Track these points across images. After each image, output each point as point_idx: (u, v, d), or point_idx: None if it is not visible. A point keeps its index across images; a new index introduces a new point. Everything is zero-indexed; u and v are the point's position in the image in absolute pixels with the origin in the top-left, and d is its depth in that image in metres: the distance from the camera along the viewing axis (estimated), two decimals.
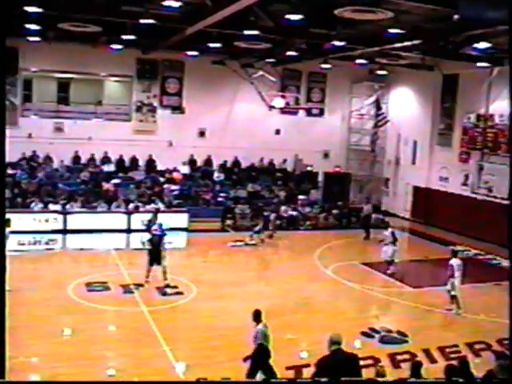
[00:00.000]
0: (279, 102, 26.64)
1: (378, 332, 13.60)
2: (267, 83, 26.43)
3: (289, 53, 24.39)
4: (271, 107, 26.69)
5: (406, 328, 13.84)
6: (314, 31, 19.43)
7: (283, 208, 26.50)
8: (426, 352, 12.30)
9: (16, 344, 12.01)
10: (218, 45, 23.05)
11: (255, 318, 10.32)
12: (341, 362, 7.84)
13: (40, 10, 17.81)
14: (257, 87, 26.27)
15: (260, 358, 9.83)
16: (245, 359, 9.94)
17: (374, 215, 26.02)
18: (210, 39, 22.13)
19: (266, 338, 10.12)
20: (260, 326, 10.20)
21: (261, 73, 26.38)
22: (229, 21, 17.19)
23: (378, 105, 30.51)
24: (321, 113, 31.40)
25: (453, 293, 14.88)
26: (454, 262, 14.99)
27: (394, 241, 18.77)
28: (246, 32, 19.30)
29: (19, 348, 11.82)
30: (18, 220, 21.74)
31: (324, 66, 26.44)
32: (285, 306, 15.23)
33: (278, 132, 30.41)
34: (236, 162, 29.73)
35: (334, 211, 27.38)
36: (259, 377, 9.56)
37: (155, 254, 16.54)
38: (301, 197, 28.01)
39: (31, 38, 24.33)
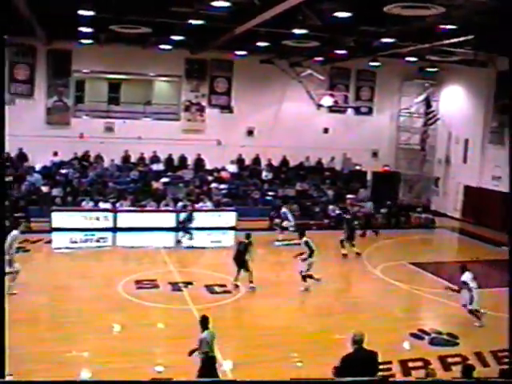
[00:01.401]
0: (328, 101, 26.48)
1: (427, 334, 13.38)
2: (315, 82, 26.30)
3: (337, 51, 24.21)
4: (319, 106, 26.56)
5: (456, 330, 13.58)
6: (362, 28, 19.23)
7: (331, 207, 26.34)
8: (478, 355, 12.04)
9: (68, 339, 12.34)
10: (266, 44, 23.07)
11: (201, 324, 9.93)
12: (362, 359, 8.20)
13: (93, 13, 18.20)
14: (305, 86, 26.17)
15: (204, 367, 9.51)
16: (190, 353, 9.92)
17: (423, 215, 25.58)
18: (259, 38, 22.16)
19: (210, 346, 9.70)
20: (205, 334, 9.77)
21: (309, 71, 26.27)
22: (277, 20, 17.17)
23: (428, 103, 30.04)
24: (369, 111, 31.08)
25: (469, 307, 14.09)
26: (466, 277, 14.18)
27: (311, 252, 16.75)
28: (294, 31, 19.25)
29: (72, 343, 12.12)
30: (69, 218, 22.29)
31: (373, 63, 26.16)
32: (332, 305, 15.16)
33: (326, 131, 30.24)
34: (284, 161, 29.69)
35: (383, 210, 27.06)
36: None
37: (239, 259, 16.55)
38: (349, 196, 27.77)
39: (84, 41, 24.89)
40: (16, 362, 10.80)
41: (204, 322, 9.88)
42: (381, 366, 10.46)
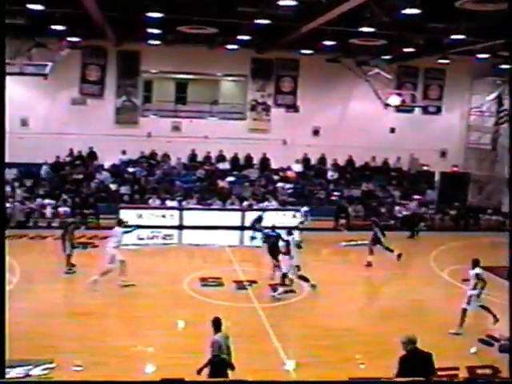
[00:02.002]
0: (395, 100, 26.02)
1: (496, 340, 12.94)
2: (383, 81, 25.89)
3: (405, 49, 23.80)
4: (387, 105, 26.14)
5: None
6: (432, 25, 18.84)
7: (397, 208, 25.92)
8: None
9: (134, 334, 12.60)
10: (332, 43, 22.90)
11: (214, 326, 9.55)
12: (420, 359, 8.16)
13: (161, 14, 18.53)
14: (372, 85, 25.81)
15: (214, 370, 9.16)
16: (198, 371, 9.21)
17: (494, 217, 24.78)
18: (325, 37, 22.03)
19: (222, 348, 9.32)
20: (217, 336, 9.45)
21: (376, 70, 25.89)
22: (344, 18, 17.04)
23: (500, 101, 29.10)
24: (438, 110, 30.40)
25: (464, 305, 13.36)
26: (477, 271, 13.41)
27: (288, 252, 15.87)
28: (362, 29, 19.03)
29: (137, 337, 12.36)
30: (136, 215, 22.73)
31: (442, 61, 25.57)
32: (397, 307, 14.89)
33: (392, 130, 29.78)
34: (350, 161, 29.40)
35: (451, 212, 26.42)
36: None
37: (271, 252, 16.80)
38: (416, 197, 27.26)
39: (152, 42, 25.37)
40: (87, 355, 11.15)
41: (216, 324, 9.57)
42: (447, 372, 10.25)
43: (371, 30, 18.91)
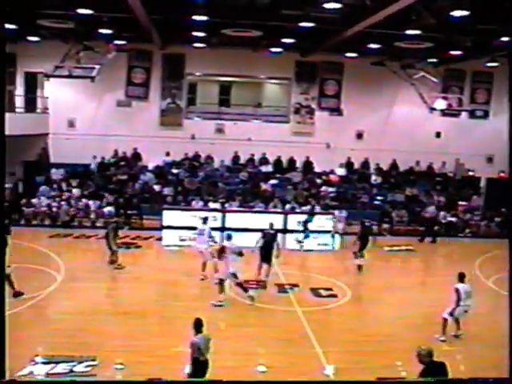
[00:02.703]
0: (441, 104, 25.58)
1: None
2: (428, 84, 25.51)
3: (452, 52, 23.42)
4: (432, 109, 25.73)
5: None
6: (481, 27, 18.45)
7: (442, 214, 25.50)
8: None
9: (175, 334, 12.67)
10: (377, 46, 22.71)
11: (195, 328, 9.50)
12: (439, 370, 8.16)
13: (206, 18, 18.67)
14: (417, 88, 25.44)
15: (194, 372, 9.14)
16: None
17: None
18: (370, 40, 21.85)
19: (202, 350, 9.26)
20: (196, 338, 9.34)
21: (422, 73, 25.51)
22: (389, 20, 16.86)
23: None
24: (485, 115, 29.81)
25: (446, 316, 13.00)
26: (461, 287, 13.09)
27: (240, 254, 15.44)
28: (408, 31, 18.80)
29: (178, 338, 12.39)
30: (179, 216, 22.88)
31: (490, 64, 25.06)
32: (439, 314, 14.59)
33: (438, 135, 29.32)
34: (394, 165, 29.07)
35: (497, 219, 25.86)
36: None
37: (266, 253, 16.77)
38: (461, 203, 26.78)
39: (196, 45, 25.58)
40: (128, 353, 11.27)
41: (197, 325, 9.52)
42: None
43: (417, 32, 18.68)
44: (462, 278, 13.19)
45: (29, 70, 27.18)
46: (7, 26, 21.82)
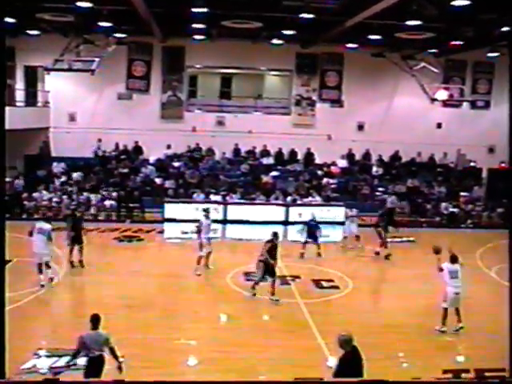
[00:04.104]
0: (442, 95, 25.55)
1: None
2: (429, 75, 25.46)
3: (453, 42, 23.34)
4: (433, 100, 25.68)
5: None
6: (482, 17, 18.38)
7: (443, 205, 25.49)
8: None
9: (177, 327, 12.69)
10: (378, 37, 22.64)
11: (91, 322, 9.23)
12: (359, 357, 8.20)
13: (205, 9, 18.61)
14: (418, 79, 25.40)
15: (87, 369, 9.00)
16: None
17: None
18: (370, 31, 21.79)
19: (86, 345, 9.06)
20: (84, 333, 9.15)
21: (422, 64, 25.46)
22: (390, 11, 16.79)
23: None
24: (487, 105, 29.75)
25: (443, 305, 12.77)
26: (446, 266, 12.97)
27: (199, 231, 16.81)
28: (408, 22, 18.74)
29: (180, 331, 12.45)
30: (181, 209, 22.94)
31: (492, 54, 24.99)
32: (439, 306, 14.59)
33: (439, 126, 29.27)
34: (395, 157, 29.04)
35: (499, 210, 25.83)
36: None
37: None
38: (463, 193, 26.76)
39: (196, 37, 25.55)
40: (130, 346, 11.27)
41: (93, 321, 9.25)
42: (493, 374, 10.01)
43: (418, 22, 18.61)
44: (451, 259, 13.16)
45: (29, 63, 27.14)
46: (6, 19, 21.78)
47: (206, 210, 17.40)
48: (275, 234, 14.76)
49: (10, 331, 10.15)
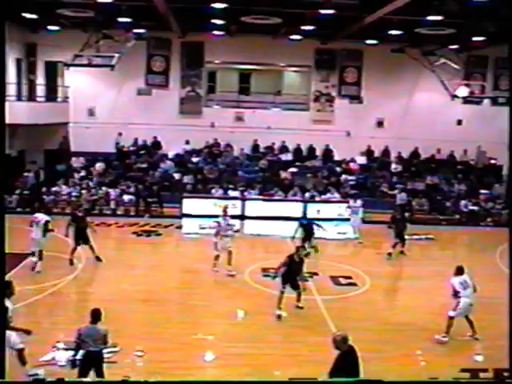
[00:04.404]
0: (463, 91, 25.27)
1: None
2: (450, 71, 25.22)
3: (475, 38, 23.09)
4: (454, 96, 25.43)
5: None
6: (504, 12, 18.11)
7: (463, 202, 25.28)
8: None
9: (195, 321, 12.75)
10: (398, 32, 22.47)
11: (90, 316, 9.27)
12: (355, 357, 8.18)
13: (225, 5, 18.59)
14: (439, 75, 25.18)
15: (81, 363, 8.97)
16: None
17: None
18: (390, 27, 21.64)
19: (80, 338, 9.05)
20: (82, 326, 9.19)
21: (443, 60, 25.23)
22: (410, 6, 16.65)
23: None
24: (508, 101, 29.38)
25: (451, 314, 12.15)
26: (455, 280, 12.36)
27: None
28: (429, 17, 18.57)
29: (198, 325, 12.50)
30: (199, 205, 23.00)
31: None
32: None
33: (459, 122, 29.01)
34: (414, 153, 28.83)
35: None
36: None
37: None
38: (483, 191, 26.50)
39: (216, 33, 25.56)
40: (149, 341, 11.36)
41: (93, 316, 9.26)
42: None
43: (439, 18, 18.44)
44: (458, 271, 12.53)
45: (49, 59, 27.34)
46: (28, 15, 22.00)
47: (225, 210, 17.09)
48: (298, 250, 13.67)
49: (30, 324, 10.33)
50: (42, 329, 11.03)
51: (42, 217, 15.91)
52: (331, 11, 18.88)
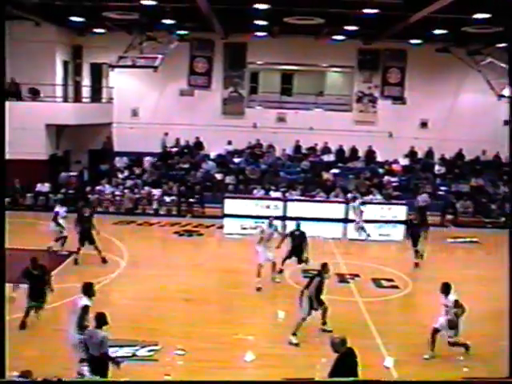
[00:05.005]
0: (510, 91, 24.74)
1: None
2: (497, 70, 24.69)
3: None
4: (501, 96, 24.90)
5: None
6: None
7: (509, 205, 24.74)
8: None
9: (235, 321, 12.77)
10: (443, 31, 22.11)
11: (98, 322, 8.93)
12: (354, 359, 8.20)
13: (267, 6, 18.61)
14: (485, 75, 24.70)
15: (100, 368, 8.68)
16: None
17: None
18: (435, 26, 21.30)
19: (89, 343, 8.82)
20: (104, 333, 8.88)
21: (489, 59, 24.73)
22: (456, 5, 16.37)
23: None
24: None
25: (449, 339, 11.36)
26: (450, 299, 11.56)
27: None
28: (476, 16, 18.22)
29: (238, 326, 12.51)
30: (240, 205, 23.06)
31: None
32: (501, 310, 14.13)
33: (506, 123, 28.28)
34: (459, 155, 28.34)
35: None
36: None
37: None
38: None
39: (258, 33, 25.60)
40: (189, 340, 11.44)
41: (98, 320, 8.95)
42: None
43: (486, 16, 18.07)
44: (448, 289, 11.70)
45: (94, 61, 27.81)
46: (75, 18, 22.41)
47: (270, 218, 16.56)
48: (324, 267, 12.45)
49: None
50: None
51: (57, 209, 17.85)
52: (375, 11, 18.71)
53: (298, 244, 15.95)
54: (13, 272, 10.97)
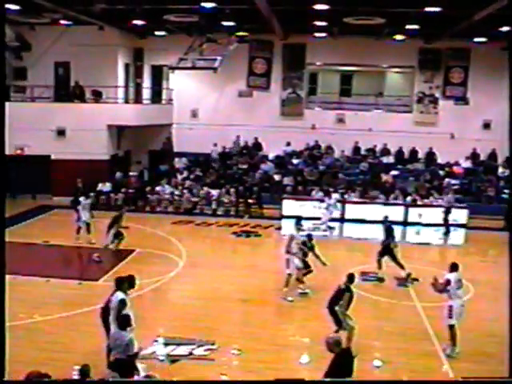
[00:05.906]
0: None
1: None
2: None
3: None
4: None
5: None
6: None
7: None
8: None
9: (292, 323, 12.75)
10: (508, 29, 21.45)
11: (121, 324, 8.77)
12: (350, 360, 8.10)
13: (327, 7, 18.50)
14: None
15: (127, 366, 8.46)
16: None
17: None
18: (501, 23, 20.68)
19: (114, 344, 8.66)
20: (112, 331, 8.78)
21: None
22: None
23: None
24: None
25: (450, 322, 11.45)
26: (453, 276, 11.71)
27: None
28: None
29: (294, 327, 12.51)
30: (299, 206, 23.00)
31: None
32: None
33: None
34: None
35: None
36: None
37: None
38: None
39: (317, 34, 25.51)
40: (246, 340, 11.48)
41: (126, 321, 8.85)
42: None
43: None
44: (453, 267, 11.92)
45: (155, 63, 28.31)
46: (136, 22, 22.87)
47: (299, 223, 15.65)
48: (351, 279, 11.68)
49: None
50: (144, 323, 11.35)
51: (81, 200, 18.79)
52: (438, 9, 18.32)
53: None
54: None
